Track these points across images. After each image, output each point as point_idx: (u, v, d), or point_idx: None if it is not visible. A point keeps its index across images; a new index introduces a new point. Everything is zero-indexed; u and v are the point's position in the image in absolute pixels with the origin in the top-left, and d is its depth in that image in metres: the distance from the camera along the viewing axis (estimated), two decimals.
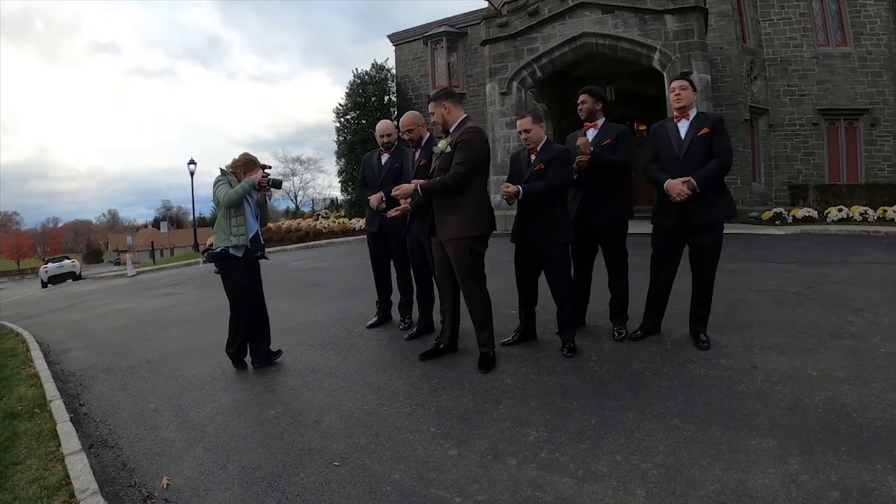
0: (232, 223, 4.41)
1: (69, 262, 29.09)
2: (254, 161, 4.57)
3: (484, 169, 3.99)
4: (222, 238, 4.42)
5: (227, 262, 4.45)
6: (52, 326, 8.38)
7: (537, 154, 4.17)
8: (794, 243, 10.11)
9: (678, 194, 3.88)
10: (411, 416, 3.34)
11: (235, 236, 4.39)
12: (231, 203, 4.36)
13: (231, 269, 4.47)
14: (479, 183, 3.97)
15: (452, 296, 4.21)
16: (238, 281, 4.49)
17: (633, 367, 3.81)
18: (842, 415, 2.93)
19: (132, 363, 5.21)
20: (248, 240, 4.44)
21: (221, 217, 4.47)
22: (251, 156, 4.60)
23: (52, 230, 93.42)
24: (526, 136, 4.17)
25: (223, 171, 4.58)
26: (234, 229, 4.40)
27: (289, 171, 37.45)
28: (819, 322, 4.58)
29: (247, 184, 4.40)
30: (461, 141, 3.86)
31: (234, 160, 4.60)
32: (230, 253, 4.41)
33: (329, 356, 4.72)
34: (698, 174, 3.86)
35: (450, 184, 3.84)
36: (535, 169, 4.11)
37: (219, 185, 4.46)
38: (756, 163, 16.92)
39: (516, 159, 4.39)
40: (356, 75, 23.57)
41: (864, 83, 16.75)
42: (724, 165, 3.93)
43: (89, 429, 3.74)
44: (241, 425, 3.48)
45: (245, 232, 4.42)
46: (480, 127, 4.10)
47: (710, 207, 3.95)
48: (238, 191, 4.36)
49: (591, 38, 13.62)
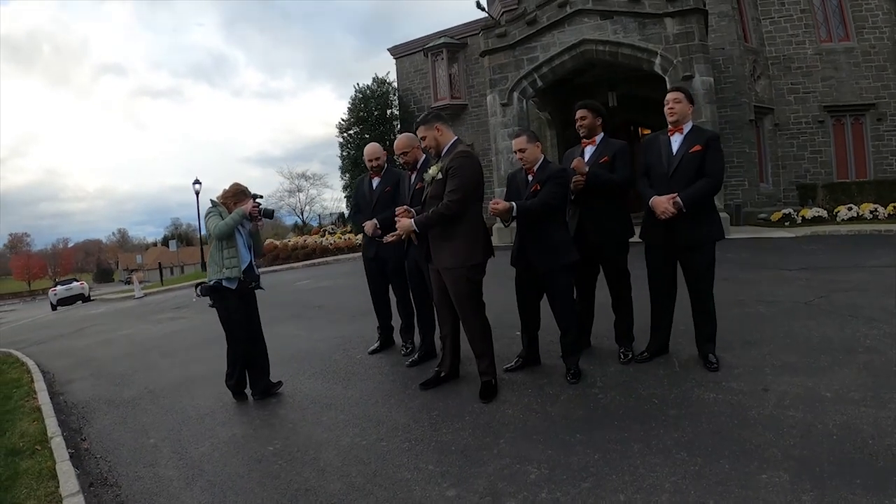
0: (224, 255, 4.35)
1: (78, 284, 29.54)
2: (244, 191, 4.53)
3: (478, 194, 3.89)
4: (215, 270, 4.37)
5: (221, 295, 4.39)
6: (57, 354, 8.40)
7: (534, 174, 4.07)
8: (805, 247, 9.97)
9: (662, 212, 3.80)
10: (410, 452, 3.25)
11: (228, 268, 4.33)
12: (222, 235, 4.30)
13: (225, 302, 4.40)
14: (474, 209, 3.87)
15: (452, 322, 4.11)
16: (233, 314, 4.42)
17: (639, 393, 3.70)
18: (857, 442, 2.80)
19: (134, 394, 5.18)
20: (241, 271, 4.37)
21: (214, 249, 4.42)
22: (241, 186, 4.56)
23: (62, 250, 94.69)
24: (521, 156, 4.08)
25: (213, 202, 4.54)
26: (227, 261, 4.34)
27: (294, 188, 37.58)
28: (832, 336, 4.46)
29: (237, 215, 4.35)
30: (452, 167, 3.77)
31: (224, 191, 4.57)
32: (223, 286, 4.35)
33: (329, 386, 4.64)
34: (685, 194, 3.77)
35: (445, 213, 3.75)
36: (531, 190, 4.01)
37: (210, 216, 4.41)
38: (763, 163, 16.77)
39: (513, 179, 4.30)
40: (358, 90, 23.68)
41: (868, 78, 16.61)
42: (714, 187, 3.84)
43: (90, 466, 3.71)
44: (239, 463, 3.42)
45: (238, 264, 4.35)
46: (470, 150, 3.99)
47: (697, 228, 3.86)
48: (228, 223, 4.31)
49: (591, 45, 13.51)
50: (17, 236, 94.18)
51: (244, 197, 4.49)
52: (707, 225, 3.90)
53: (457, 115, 22.47)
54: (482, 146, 20.87)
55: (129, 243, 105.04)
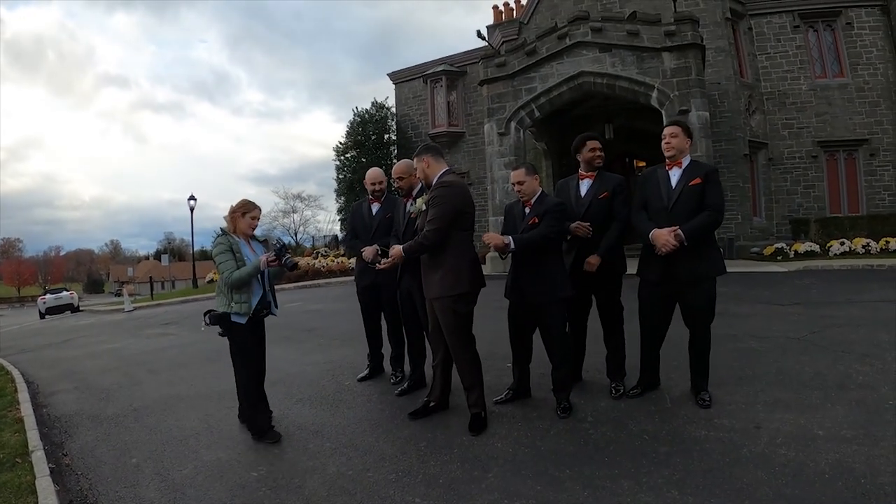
0: (233, 293, 4.05)
1: (67, 293, 29.30)
2: (249, 202, 4.22)
3: (462, 223, 3.86)
4: (223, 302, 4.06)
5: (231, 326, 4.07)
6: (43, 364, 8.30)
7: (532, 207, 4.07)
8: (798, 281, 10.01)
9: (663, 244, 3.75)
10: (397, 485, 3.18)
11: (237, 303, 4.02)
12: (234, 286, 4.00)
13: (235, 333, 4.10)
14: (460, 238, 3.85)
15: (444, 352, 4.06)
16: (244, 344, 4.12)
17: (630, 428, 3.65)
18: (849, 481, 2.77)
19: (118, 411, 5.10)
20: (252, 308, 4.06)
21: (222, 282, 4.09)
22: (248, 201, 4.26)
23: (53, 258, 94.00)
24: (519, 189, 4.08)
25: (224, 231, 4.18)
26: (237, 296, 4.04)
27: (289, 208, 37.72)
28: (825, 372, 4.44)
29: (252, 268, 4.00)
30: (432, 197, 3.79)
31: (231, 207, 4.23)
32: (232, 320, 4.05)
33: (317, 412, 4.57)
34: (687, 226, 3.73)
35: (424, 243, 3.76)
36: (529, 223, 4.00)
37: (219, 250, 4.05)
38: (756, 197, 16.93)
39: (510, 212, 4.29)
40: (356, 114, 23.80)
41: (862, 113, 16.87)
42: (715, 220, 3.81)
43: (70, 482, 3.65)
44: (222, 489, 3.34)
45: (248, 300, 4.05)
46: (455, 179, 3.96)
47: (698, 262, 3.82)
48: (242, 276, 3.96)
49: (589, 77, 13.67)
50: (9, 241, 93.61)
51: (251, 207, 4.18)
52: (708, 260, 3.86)
53: (454, 142, 22.57)
54: (478, 174, 20.99)
55: (121, 255, 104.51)
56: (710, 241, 3.94)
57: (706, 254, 3.86)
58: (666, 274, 3.89)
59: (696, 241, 3.75)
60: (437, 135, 22.42)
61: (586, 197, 4.29)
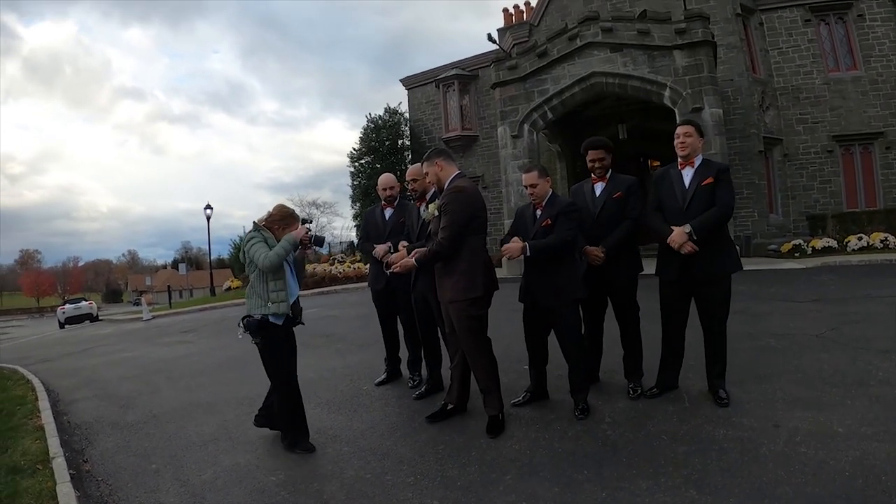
0: (270, 287, 3.79)
1: (86, 303, 29.65)
2: (292, 214, 4.01)
3: (476, 227, 3.86)
4: (258, 304, 3.80)
5: (268, 332, 3.81)
6: (63, 373, 8.41)
7: (543, 209, 4.08)
8: (816, 278, 9.89)
9: (681, 247, 3.79)
10: (415, 488, 3.19)
11: (275, 303, 3.77)
12: (273, 267, 3.72)
13: (274, 341, 3.85)
14: (474, 242, 3.86)
15: (461, 354, 4.07)
16: (283, 355, 3.91)
17: (648, 429, 3.64)
18: (869, 479, 2.74)
19: (138, 418, 5.16)
20: (290, 306, 3.85)
21: (256, 280, 3.84)
22: (288, 208, 4.03)
23: (72, 269, 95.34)
24: (532, 191, 4.10)
25: (256, 225, 3.97)
26: (273, 294, 3.78)
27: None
28: (844, 369, 4.39)
29: (287, 242, 3.78)
30: (444, 204, 3.81)
31: (269, 213, 4.00)
32: (270, 321, 3.80)
33: (335, 417, 4.59)
34: (696, 222, 3.77)
35: (438, 251, 3.78)
36: (542, 225, 4.01)
37: (253, 242, 3.82)
38: (772, 194, 16.76)
39: (521, 215, 4.30)
40: (370, 120, 23.89)
41: (876, 106, 16.64)
42: (723, 216, 3.83)
43: (90, 488, 3.69)
44: (242, 492, 3.37)
45: (286, 298, 3.81)
46: (466, 184, 3.96)
47: (714, 260, 3.85)
48: (279, 252, 3.73)
49: (601, 78, 13.60)
50: (28, 253, 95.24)
51: (293, 221, 3.96)
52: (723, 257, 3.89)
53: (467, 146, 22.58)
54: (493, 177, 20.99)
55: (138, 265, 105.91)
56: (725, 239, 3.95)
57: (722, 251, 3.89)
58: (683, 272, 3.91)
59: (705, 236, 3.77)
60: (450, 139, 22.43)
61: (601, 197, 4.30)
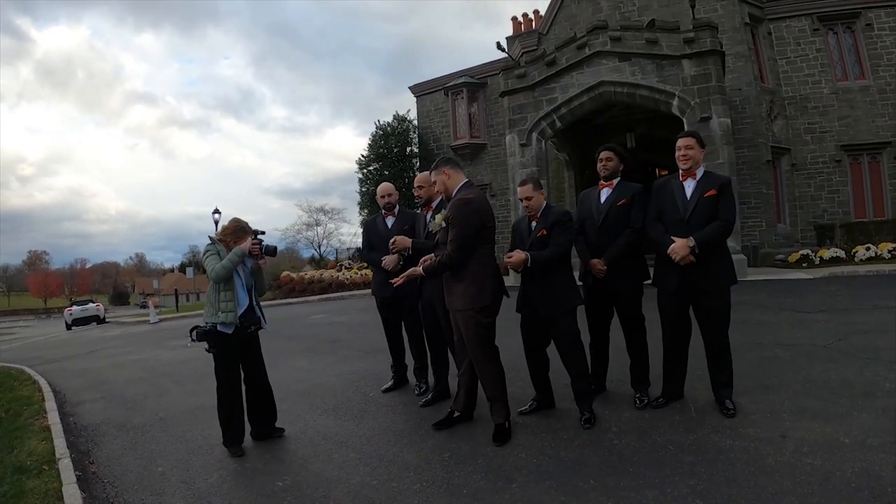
0: (220, 298, 4.05)
1: (94, 305, 29.82)
2: (244, 227, 4.22)
3: (483, 237, 3.88)
4: (211, 313, 4.06)
5: (217, 340, 4.05)
6: (70, 374, 8.50)
7: (538, 220, 4.12)
8: (824, 288, 9.83)
9: (682, 259, 3.80)
10: (421, 495, 3.19)
11: (224, 312, 4.02)
12: (219, 278, 4.01)
13: (220, 349, 4.09)
14: (482, 251, 3.87)
15: (468, 362, 4.07)
16: (230, 362, 4.15)
17: (654, 439, 3.63)
18: (876, 490, 2.73)
19: (145, 420, 5.20)
20: (238, 316, 4.07)
21: (211, 290, 4.13)
22: (241, 221, 4.27)
23: (80, 271, 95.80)
24: (527, 204, 4.14)
25: (212, 239, 4.24)
26: (223, 304, 4.04)
27: (313, 221, 38.12)
28: (852, 379, 4.37)
29: (235, 255, 4.06)
30: (450, 217, 3.83)
31: (223, 227, 4.31)
32: (219, 330, 4.03)
33: (341, 423, 4.60)
34: (698, 236, 3.79)
35: (447, 263, 3.81)
36: (538, 235, 4.04)
37: (208, 255, 4.11)
38: (780, 203, 16.68)
39: (518, 227, 4.34)
40: (378, 127, 23.94)
41: (885, 116, 16.52)
42: (726, 230, 3.85)
43: (96, 489, 3.72)
44: (247, 497, 3.38)
45: (234, 308, 4.05)
46: (473, 193, 3.97)
47: (710, 273, 3.86)
48: (226, 265, 4.02)
49: (610, 87, 13.60)
50: (36, 253, 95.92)
51: (244, 234, 4.19)
52: (719, 269, 3.90)
53: (476, 154, 22.58)
54: (500, 185, 20.98)
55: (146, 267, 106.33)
56: (722, 251, 3.97)
57: (718, 264, 3.90)
58: (682, 283, 3.92)
59: (707, 249, 3.80)
60: (459, 146, 22.45)
61: (605, 203, 4.32)
